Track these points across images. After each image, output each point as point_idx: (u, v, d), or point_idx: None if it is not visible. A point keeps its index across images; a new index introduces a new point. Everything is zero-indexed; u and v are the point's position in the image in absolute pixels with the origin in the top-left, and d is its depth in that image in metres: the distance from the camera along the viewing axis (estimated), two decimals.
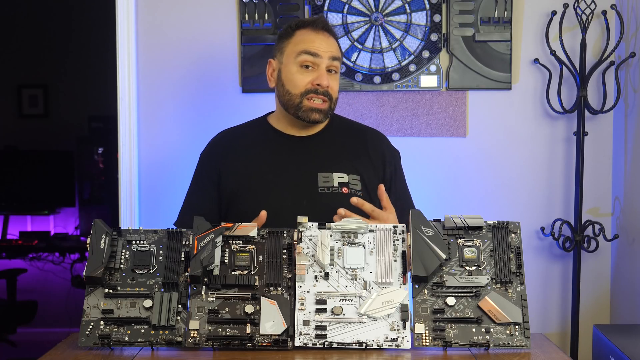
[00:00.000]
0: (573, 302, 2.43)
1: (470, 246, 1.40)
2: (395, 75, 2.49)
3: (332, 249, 1.38)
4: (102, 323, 1.35)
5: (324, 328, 1.34)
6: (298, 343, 1.33)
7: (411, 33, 2.48)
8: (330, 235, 1.39)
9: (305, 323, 1.34)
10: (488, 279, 1.37)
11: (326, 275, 1.37)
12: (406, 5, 2.48)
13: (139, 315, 1.35)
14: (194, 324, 1.34)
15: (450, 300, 1.35)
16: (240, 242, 1.40)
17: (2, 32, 4.64)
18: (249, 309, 1.34)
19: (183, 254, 1.39)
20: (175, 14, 2.54)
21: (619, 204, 2.47)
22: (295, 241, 1.39)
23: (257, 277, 1.37)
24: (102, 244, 1.38)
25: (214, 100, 2.54)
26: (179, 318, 1.35)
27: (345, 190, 1.74)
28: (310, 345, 1.33)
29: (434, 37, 2.48)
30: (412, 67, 2.49)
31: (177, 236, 1.41)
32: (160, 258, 1.40)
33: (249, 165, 1.78)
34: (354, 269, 1.38)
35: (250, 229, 1.40)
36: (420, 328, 1.33)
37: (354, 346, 1.33)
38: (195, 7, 2.53)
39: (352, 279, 1.37)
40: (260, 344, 1.33)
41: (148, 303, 1.36)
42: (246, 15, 2.49)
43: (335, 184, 1.75)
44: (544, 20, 2.47)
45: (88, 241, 1.38)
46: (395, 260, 1.38)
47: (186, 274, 1.37)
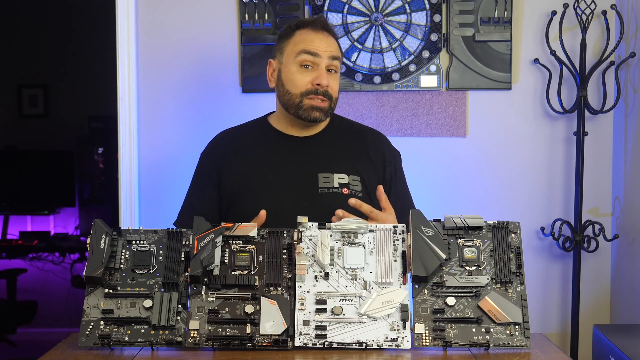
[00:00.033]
0: (573, 302, 2.43)
1: (470, 246, 1.40)
2: (395, 75, 2.49)
3: (332, 249, 1.38)
4: (102, 323, 1.35)
5: (324, 328, 1.34)
6: (298, 343, 1.33)
7: (411, 33, 2.48)
8: (330, 235, 1.39)
9: (305, 323, 1.34)
10: (488, 279, 1.37)
11: (326, 275, 1.37)
12: (406, 5, 2.48)
13: (139, 315, 1.35)
14: (194, 324, 1.34)
15: (450, 300, 1.35)
16: (240, 242, 1.40)
17: (2, 32, 4.64)
18: (249, 309, 1.34)
19: (183, 254, 1.39)
20: (175, 14, 2.54)
21: (619, 204, 2.47)
22: (295, 241, 1.39)
23: (257, 277, 1.37)
24: (102, 244, 1.38)
25: (214, 100, 2.54)
26: (179, 318, 1.35)
27: (345, 190, 1.74)
28: (310, 345, 1.33)
29: (434, 37, 2.48)
30: (412, 67, 2.49)
31: (177, 236, 1.41)
32: (160, 258, 1.40)
33: (249, 165, 1.78)
34: (354, 269, 1.37)
35: (250, 229, 1.40)
36: (420, 328, 1.34)
37: (354, 346, 1.33)
38: (195, 7, 2.53)
39: (352, 279, 1.37)
40: (260, 344, 1.33)
41: (148, 303, 1.36)
42: (246, 15, 2.49)
43: (336, 185, 1.74)
44: (544, 20, 2.47)
45: (88, 241, 1.38)
46: (395, 260, 1.38)
47: (186, 274, 1.37)
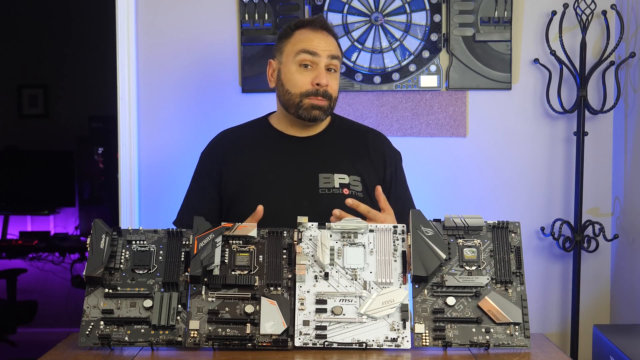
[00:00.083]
0: (573, 302, 2.43)
1: (470, 246, 1.40)
2: (395, 75, 2.49)
3: (332, 249, 1.38)
4: (102, 323, 1.35)
5: (324, 328, 1.34)
6: (298, 343, 1.33)
7: (411, 33, 2.48)
8: (330, 235, 1.39)
9: (305, 323, 1.34)
10: (488, 279, 1.37)
11: (326, 275, 1.37)
12: (406, 5, 2.48)
13: (139, 315, 1.35)
14: (194, 324, 1.34)
15: (450, 300, 1.35)
16: (240, 242, 1.40)
17: (2, 32, 4.64)
18: (249, 309, 1.34)
19: (183, 254, 1.39)
20: (175, 14, 2.54)
21: (619, 204, 2.47)
22: (295, 241, 1.39)
23: (257, 277, 1.37)
24: (102, 244, 1.38)
25: (214, 100, 2.54)
26: (179, 318, 1.35)
27: (346, 191, 1.74)
28: (310, 345, 1.33)
29: (434, 37, 2.47)
30: (412, 67, 2.49)
31: (177, 236, 1.41)
32: (160, 258, 1.40)
33: (249, 165, 1.78)
34: (354, 269, 1.37)
35: (250, 229, 1.40)
36: (420, 328, 1.34)
37: (354, 346, 1.33)
38: (195, 7, 2.53)
39: (352, 279, 1.37)
40: (260, 344, 1.33)
41: (148, 303, 1.36)
42: (246, 15, 2.49)
43: (336, 185, 1.74)
44: (544, 20, 2.47)
45: (88, 241, 1.38)
46: (395, 260, 1.38)
47: (186, 274, 1.37)
